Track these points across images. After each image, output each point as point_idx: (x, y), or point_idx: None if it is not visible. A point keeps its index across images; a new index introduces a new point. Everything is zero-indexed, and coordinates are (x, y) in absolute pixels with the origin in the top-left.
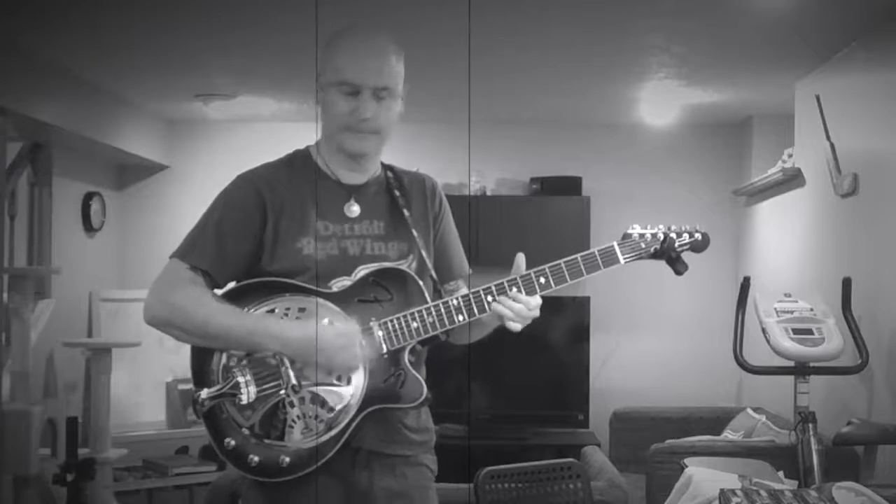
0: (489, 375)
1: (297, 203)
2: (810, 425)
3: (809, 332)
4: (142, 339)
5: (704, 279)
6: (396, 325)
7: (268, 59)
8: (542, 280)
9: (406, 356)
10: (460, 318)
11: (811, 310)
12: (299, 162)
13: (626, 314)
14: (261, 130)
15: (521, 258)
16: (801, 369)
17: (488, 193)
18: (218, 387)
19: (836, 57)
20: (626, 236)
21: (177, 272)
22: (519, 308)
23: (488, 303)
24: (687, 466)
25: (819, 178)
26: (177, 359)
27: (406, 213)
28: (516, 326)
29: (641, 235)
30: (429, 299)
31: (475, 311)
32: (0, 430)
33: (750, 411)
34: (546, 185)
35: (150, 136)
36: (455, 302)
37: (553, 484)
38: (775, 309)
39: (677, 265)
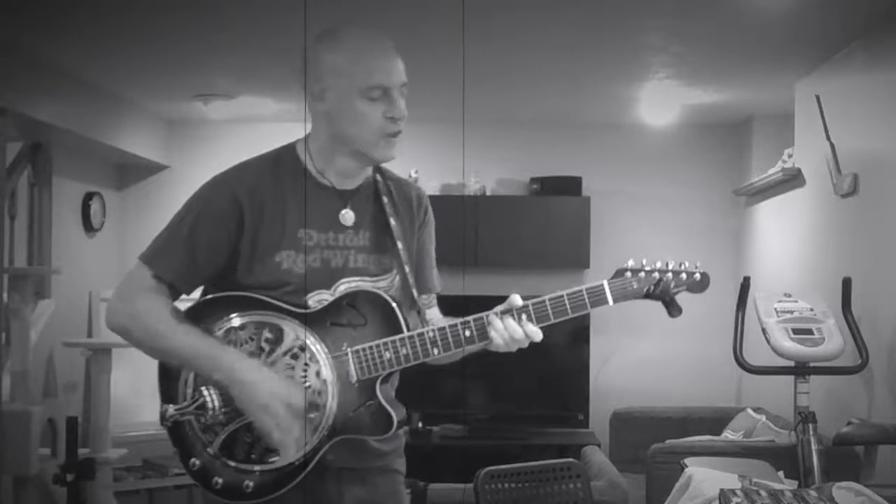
0: (489, 376)
1: (278, 212)
2: (810, 425)
3: (809, 332)
4: None
5: None
6: (369, 355)
7: (268, 60)
8: (524, 317)
9: (378, 386)
10: (435, 351)
11: (811, 310)
12: (286, 163)
13: (625, 314)
14: (261, 130)
15: (516, 297)
16: (801, 369)
17: (488, 193)
18: (184, 404)
19: (836, 57)
20: (618, 273)
21: (141, 278)
22: (518, 336)
23: (466, 337)
24: (687, 466)
25: (819, 178)
26: None
27: (393, 222)
28: (502, 349)
29: (634, 273)
30: (404, 327)
31: (451, 345)
32: (0, 430)
33: (750, 411)
34: (546, 185)
35: (150, 136)
36: (431, 335)
37: (553, 484)
38: (775, 309)
39: (671, 308)
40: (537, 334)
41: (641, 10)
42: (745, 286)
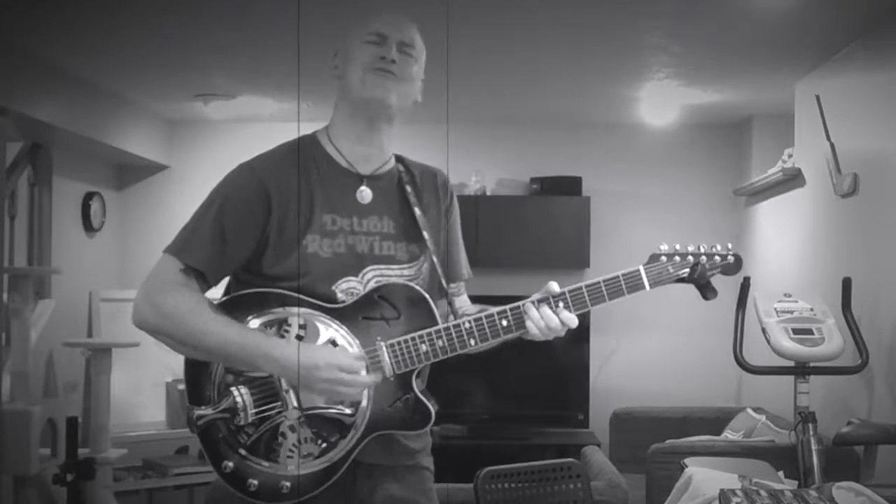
0: (489, 375)
1: (304, 194)
2: (810, 425)
3: (809, 332)
4: (141, 339)
5: None
6: (404, 348)
7: (268, 60)
8: (561, 304)
9: (414, 379)
10: (472, 342)
11: (811, 310)
12: (309, 149)
13: (626, 314)
14: (261, 130)
15: (554, 284)
16: (801, 369)
17: (488, 193)
18: (214, 406)
19: (836, 57)
20: (653, 258)
21: (169, 272)
22: (554, 324)
23: (503, 327)
24: (687, 466)
25: (819, 178)
26: (176, 359)
27: (418, 211)
28: (538, 338)
29: (669, 257)
30: (438, 318)
31: (488, 335)
32: (0, 430)
33: (750, 411)
34: (546, 185)
35: (150, 136)
36: (467, 325)
37: (553, 484)
38: (775, 309)
39: (706, 291)
40: (573, 321)
41: (641, 11)
42: (745, 286)
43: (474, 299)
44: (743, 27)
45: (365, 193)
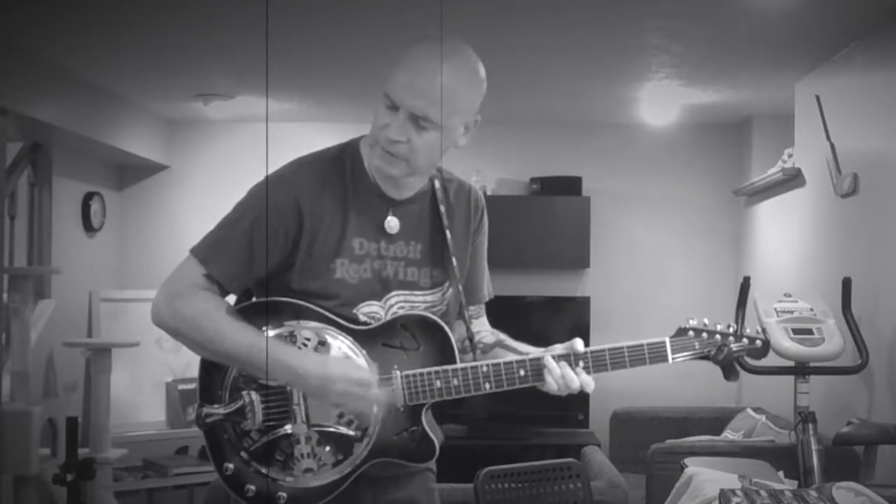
0: None
1: (337, 215)
2: (810, 425)
3: (809, 332)
4: (141, 339)
5: (704, 279)
6: (419, 381)
7: (267, 60)
8: (581, 364)
9: (424, 413)
10: (487, 386)
11: (811, 310)
12: (348, 162)
13: (626, 314)
14: (261, 130)
15: (578, 343)
16: (801, 369)
17: (488, 193)
18: (224, 406)
19: (836, 57)
20: (680, 331)
21: (192, 276)
22: (574, 386)
23: (520, 377)
24: (687, 466)
25: (819, 178)
26: (176, 359)
27: (448, 234)
28: (553, 392)
29: (697, 333)
30: (457, 356)
31: (504, 382)
32: (0, 430)
33: (750, 411)
34: (546, 185)
35: (150, 136)
36: (485, 370)
37: (553, 484)
38: (775, 309)
39: (729, 373)
40: (590, 385)
41: (641, 10)
42: (745, 286)
43: None
44: (743, 27)
45: (392, 223)
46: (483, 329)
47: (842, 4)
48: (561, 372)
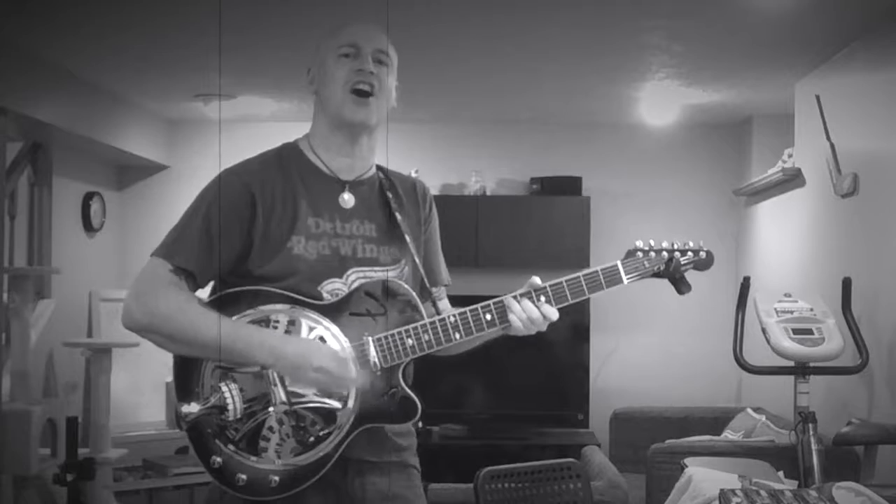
0: (489, 375)
1: (288, 198)
2: (810, 425)
3: (809, 332)
4: (141, 339)
5: (704, 279)
6: (391, 342)
7: (268, 60)
8: (543, 298)
9: (400, 373)
10: (457, 336)
11: (811, 310)
12: (289, 155)
13: (626, 314)
14: (261, 130)
15: (536, 279)
16: (801, 369)
17: (488, 193)
18: (203, 402)
19: (836, 57)
20: (629, 253)
21: (159, 273)
22: (535, 316)
23: (486, 321)
24: (687, 466)
25: (819, 178)
26: None
27: (399, 216)
28: (521, 332)
29: (645, 253)
30: (423, 313)
31: (473, 329)
32: (0, 430)
33: (750, 411)
34: (546, 185)
35: (150, 136)
36: (452, 319)
37: (553, 484)
38: (775, 309)
39: (680, 285)
40: (553, 313)
41: (641, 10)
42: (745, 286)
43: (473, 299)
44: (743, 27)
45: (347, 198)
46: (447, 309)
47: (842, 4)
48: (521, 306)
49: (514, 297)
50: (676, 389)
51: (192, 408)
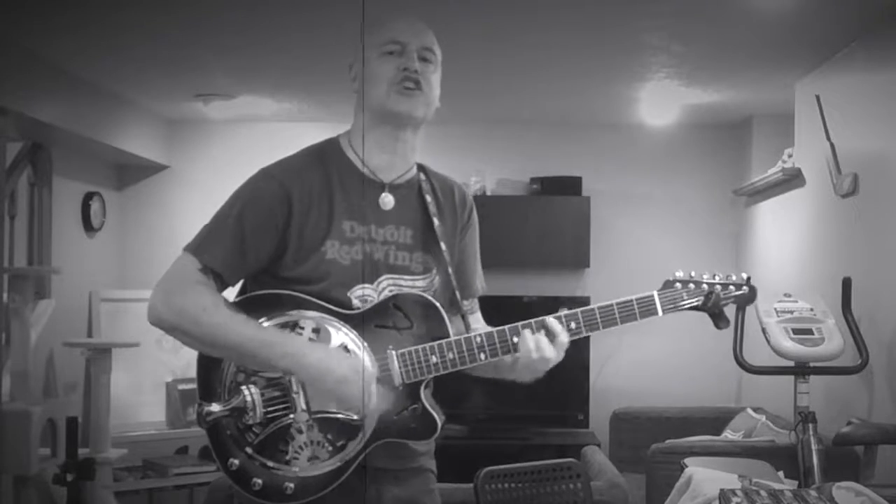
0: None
1: (325, 200)
2: (810, 425)
3: (809, 332)
4: (141, 339)
5: None
6: (414, 358)
7: (268, 60)
8: (573, 325)
9: (422, 390)
10: (482, 356)
11: (811, 310)
12: (330, 155)
13: None
14: (261, 130)
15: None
16: (801, 369)
17: (488, 193)
18: (224, 403)
19: (836, 57)
20: (667, 284)
21: (187, 271)
22: (544, 344)
23: (513, 344)
24: (687, 466)
25: (819, 178)
26: (176, 359)
27: (436, 222)
28: (533, 370)
29: (684, 285)
30: (450, 330)
31: (499, 350)
32: (0, 430)
33: (750, 411)
34: (546, 185)
35: (150, 136)
36: (478, 340)
37: (553, 484)
38: (775, 309)
39: (719, 320)
40: (558, 353)
41: (641, 10)
42: None
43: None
44: (743, 27)
45: (387, 200)
46: (478, 325)
47: (842, 4)
48: (536, 338)
49: (530, 327)
50: (676, 389)
51: (214, 408)
